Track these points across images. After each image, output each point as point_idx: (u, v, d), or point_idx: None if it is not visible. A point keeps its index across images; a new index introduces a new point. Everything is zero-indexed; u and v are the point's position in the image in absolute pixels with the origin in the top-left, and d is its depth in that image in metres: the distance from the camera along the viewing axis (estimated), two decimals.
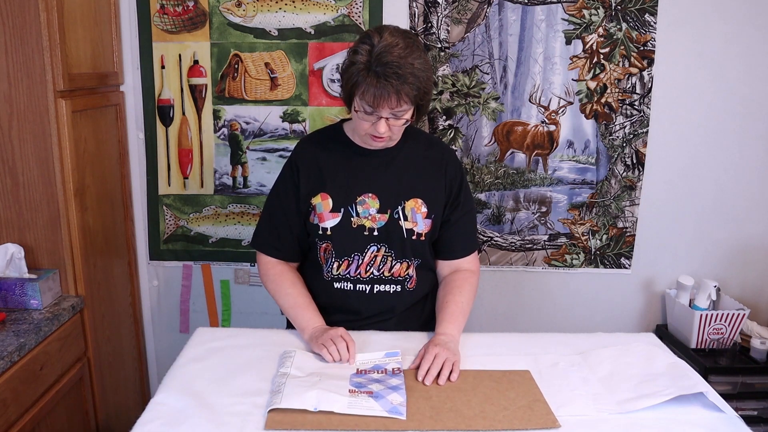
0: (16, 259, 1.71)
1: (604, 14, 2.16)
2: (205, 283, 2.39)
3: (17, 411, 1.51)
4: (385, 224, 1.46)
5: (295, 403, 1.14)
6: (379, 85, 1.28)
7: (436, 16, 2.17)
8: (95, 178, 1.95)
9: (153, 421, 1.13)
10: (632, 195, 2.31)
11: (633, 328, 2.45)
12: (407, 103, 1.33)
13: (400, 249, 1.47)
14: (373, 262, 1.47)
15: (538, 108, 2.24)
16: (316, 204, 1.46)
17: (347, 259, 1.47)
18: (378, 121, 1.34)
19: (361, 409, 1.14)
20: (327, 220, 1.45)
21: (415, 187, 1.48)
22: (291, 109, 2.23)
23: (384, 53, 1.28)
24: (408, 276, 1.50)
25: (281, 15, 2.17)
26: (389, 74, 1.27)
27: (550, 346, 1.45)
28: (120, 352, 2.16)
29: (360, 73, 1.30)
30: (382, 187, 1.47)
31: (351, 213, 1.45)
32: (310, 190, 1.47)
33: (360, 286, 1.48)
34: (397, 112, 1.34)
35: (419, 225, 1.47)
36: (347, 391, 1.19)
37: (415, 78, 1.30)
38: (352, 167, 1.48)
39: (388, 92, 1.28)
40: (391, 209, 1.46)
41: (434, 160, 1.52)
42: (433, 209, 1.49)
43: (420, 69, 1.31)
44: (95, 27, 1.96)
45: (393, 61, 1.27)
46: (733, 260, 2.39)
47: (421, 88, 1.32)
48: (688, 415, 1.19)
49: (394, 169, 1.48)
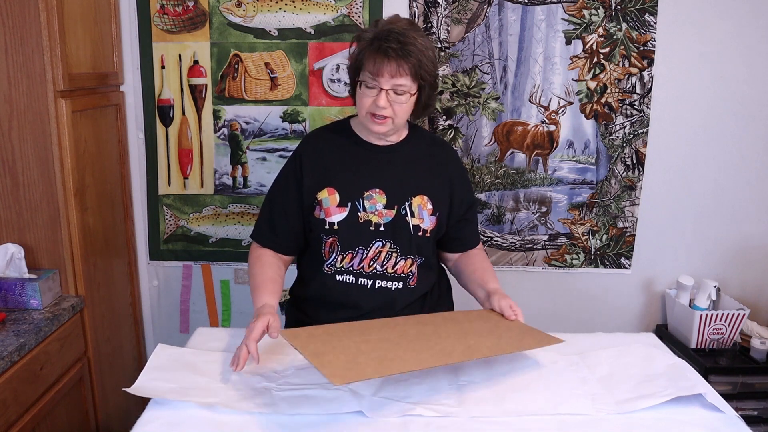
0: (16, 259, 1.71)
1: (604, 14, 2.16)
2: (205, 283, 2.39)
3: (17, 411, 1.51)
4: (392, 220, 1.46)
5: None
6: (380, 52, 1.33)
7: (436, 16, 2.17)
8: (95, 178, 1.95)
9: (153, 421, 1.13)
10: (632, 195, 2.31)
11: (633, 328, 2.45)
12: (407, 75, 1.35)
13: (405, 245, 1.47)
14: (377, 258, 1.47)
15: (538, 108, 2.24)
16: (322, 199, 1.46)
17: (351, 253, 1.46)
18: (379, 94, 1.36)
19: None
20: (334, 214, 1.45)
21: (421, 183, 1.49)
22: (291, 109, 2.23)
23: (387, 29, 1.35)
24: (410, 273, 1.50)
25: (281, 15, 2.17)
26: (391, 40, 1.32)
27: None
28: (120, 352, 2.17)
29: (365, 48, 1.36)
30: (390, 182, 1.47)
31: (358, 208, 1.45)
32: (315, 184, 1.47)
33: (362, 280, 1.48)
34: (397, 86, 1.35)
35: (425, 222, 1.48)
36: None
37: (416, 50, 1.34)
38: (358, 162, 1.48)
39: (389, 58, 1.32)
40: (398, 205, 1.46)
41: (438, 158, 1.54)
42: (438, 207, 1.50)
43: (422, 45, 1.35)
44: (95, 27, 1.96)
45: (395, 31, 1.34)
46: (733, 260, 2.39)
47: (423, 62, 1.35)
48: (688, 415, 1.19)
49: (400, 164, 1.49)
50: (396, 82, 1.35)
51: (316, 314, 1.53)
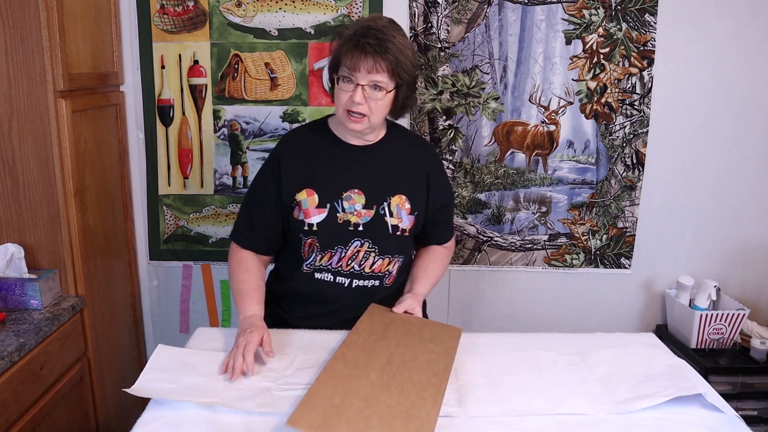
0: (16, 259, 1.71)
1: (604, 14, 2.16)
2: (205, 283, 2.39)
3: (17, 411, 1.51)
4: (371, 220, 1.47)
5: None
6: (357, 47, 1.33)
7: (436, 16, 2.17)
8: (95, 178, 1.95)
9: (153, 421, 1.13)
10: (632, 195, 2.31)
11: (633, 328, 2.45)
12: (384, 72, 1.35)
13: (384, 245, 1.48)
14: (355, 257, 1.48)
15: (538, 108, 2.24)
16: (301, 200, 1.46)
17: (330, 252, 1.47)
18: (355, 90, 1.35)
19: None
20: (313, 216, 1.46)
21: (399, 183, 1.50)
22: (291, 109, 2.23)
23: (366, 26, 1.36)
24: (387, 272, 1.52)
25: (281, 15, 2.17)
26: (369, 36, 1.33)
27: (550, 346, 1.45)
28: (120, 352, 2.17)
29: (343, 44, 1.36)
30: (368, 182, 1.48)
31: (337, 208, 1.46)
32: (294, 185, 1.47)
33: (339, 278, 1.49)
34: (374, 82, 1.35)
35: (404, 221, 1.49)
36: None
37: (394, 47, 1.34)
38: (337, 162, 1.49)
39: (366, 53, 1.33)
40: (377, 205, 1.47)
41: (416, 158, 1.55)
42: (416, 206, 1.51)
43: (401, 43, 1.36)
44: (95, 27, 1.96)
45: (374, 28, 1.35)
46: (733, 260, 2.39)
47: (400, 60, 1.35)
48: (688, 415, 1.19)
49: (378, 164, 1.50)
50: (373, 78, 1.35)
51: (292, 309, 1.56)
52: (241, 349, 1.29)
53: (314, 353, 1.36)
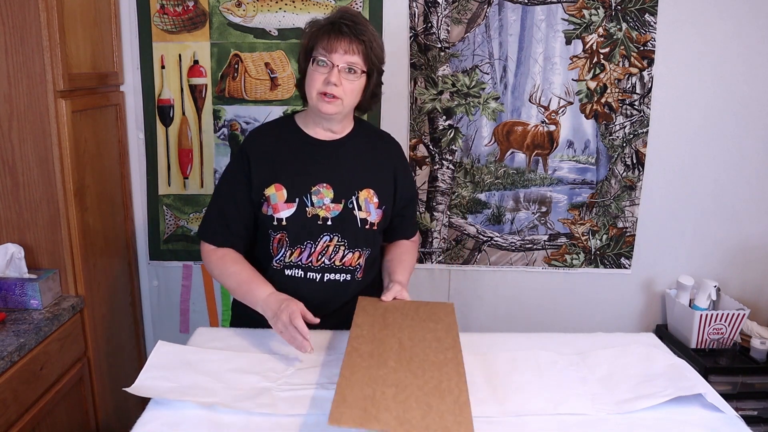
0: (16, 259, 1.71)
1: (604, 14, 2.16)
2: (205, 283, 2.39)
3: (17, 411, 1.51)
4: (339, 213, 1.48)
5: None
6: (334, 29, 1.39)
7: (436, 16, 2.17)
8: (95, 178, 1.95)
9: (153, 421, 1.13)
10: (632, 195, 2.31)
11: (633, 328, 2.45)
12: (359, 54, 1.39)
13: (353, 238, 1.49)
14: (325, 252, 1.48)
15: (538, 108, 2.24)
16: (270, 195, 1.46)
17: (300, 247, 1.48)
18: (331, 70, 1.38)
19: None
20: (282, 210, 1.46)
21: (367, 177, 1.51)
22: (291, 109, 2.23)
23: (340, 13, 1.42)
24: (358, 266, 1.53)
25: (281, 15, 2.17)
26: (345, 20, 1.39)
27: (549, 346, 1.45)
28: (120, 352, 2.17)
29: (318, 29, 1.41)
30: (336, 176, 1.49)
31: (306, 203, 1.46)
32: (262, 181, 1.47)
33: (310, 274, 1.49)
34: (350, 62, 1.39)
35: (372, 215, 1.51)
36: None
37: (368, 32, 1.41)
38: (304, 157, 1.50)
39: (342, 34, 1.38)
40: (345, 199, 1.48)
41: (383, 152, 1.58)
42: (384, 200, 1.53)
43: (373, 31, 1.42)
44: (95, 27, 1.96)
45: (348, 13, 1.42)
46: (733, 260, 2.39)
47: (373, 46, 1.41)
48: (688, 415, 1.19)
49: (346, 158, 1.51)
50: (349, 59, 1.39)
51: None
52: (289, 325, 1.29)
53: (314, 354, 1.36)
